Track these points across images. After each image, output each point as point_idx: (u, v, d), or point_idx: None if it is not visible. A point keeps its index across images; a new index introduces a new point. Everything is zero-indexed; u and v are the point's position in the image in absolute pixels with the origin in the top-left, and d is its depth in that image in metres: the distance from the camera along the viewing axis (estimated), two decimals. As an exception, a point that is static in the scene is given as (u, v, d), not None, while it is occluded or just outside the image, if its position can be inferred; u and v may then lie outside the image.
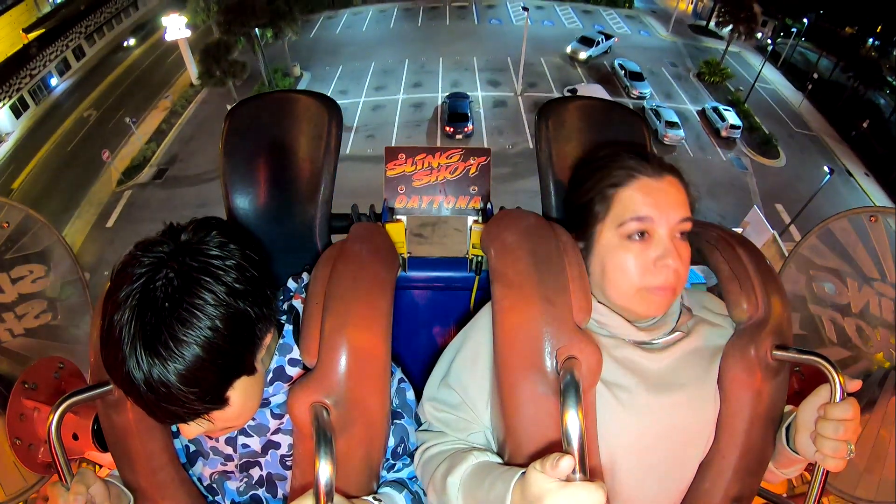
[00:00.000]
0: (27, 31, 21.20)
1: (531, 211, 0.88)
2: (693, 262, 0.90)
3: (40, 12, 22.89)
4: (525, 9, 18.98)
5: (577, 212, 0.81)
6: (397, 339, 0.79)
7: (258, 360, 0.68)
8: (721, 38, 23.23)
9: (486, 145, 15.66)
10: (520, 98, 18.46)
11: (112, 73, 21.61)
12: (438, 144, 15.73)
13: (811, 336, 1.06)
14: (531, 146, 15.64)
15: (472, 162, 1.09)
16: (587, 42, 20.59)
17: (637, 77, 19.00)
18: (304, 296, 0.78)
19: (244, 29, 17.67)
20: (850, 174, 16.29)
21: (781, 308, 0.77)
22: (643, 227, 0.73)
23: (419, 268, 1.14)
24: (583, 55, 19.98)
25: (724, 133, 16.84)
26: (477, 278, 1.12)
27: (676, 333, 0.79)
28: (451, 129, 16.09)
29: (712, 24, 24.67)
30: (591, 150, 0.99)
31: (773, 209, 13.69)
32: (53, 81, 20.73)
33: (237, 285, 0.60)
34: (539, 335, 0.68)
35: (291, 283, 0.82)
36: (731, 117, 17.14)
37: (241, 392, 0.65)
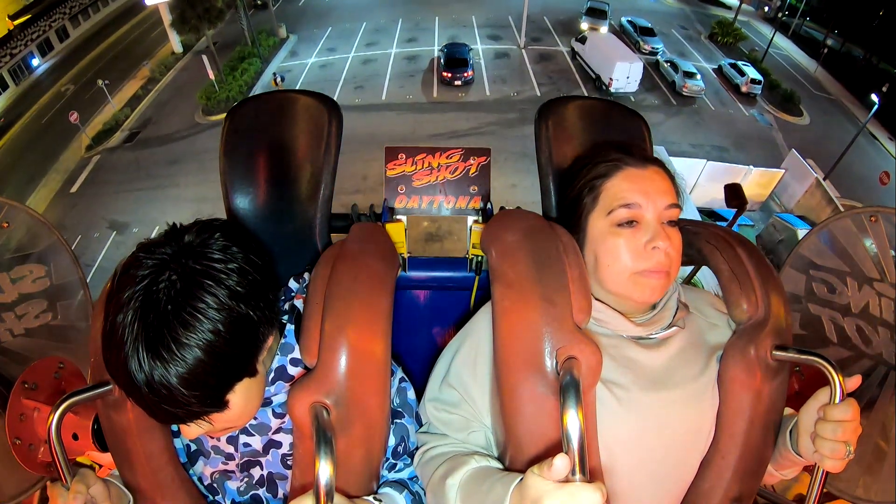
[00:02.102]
0: (13, 17, 20.85)
1: (531, 211, 0.88)
2: (693, 262, 0.90)
3: (27, 0, 22.49)
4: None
5: (568, 207, 0.84)
6: (397, 339, 0.79)
7: (259, 363, 0.68)
8: (729, 7, 22.65)
9: (487, 93, 15.15)
10: (523, 51, 17.69)
11: (94, 51, 21.05)
12: (435, 93, 15.11)
13: (811, 336, 1.06)
14: (538, 93, 15.15)
15: (472, 162, 1.09)
16: (599, 14, 19.17)
17: (648, 32, 18.17)
18: (305, 296, 0.78)
19: (226, -23, 16.56)
20: (875, 137, 15.88)
21: (781, 308, 0.77)
22: (631, 214, 0.75)
23: (419, 268, 1.14)
24: (604, 30, 18.42)
25: (744, 88, 16.21)
26: (477, 278, 1.12)
27: (673, 328, 0.79)
28: (449, 75, 15.08)
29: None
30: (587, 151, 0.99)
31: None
32: (35, 62, 20.24)
33: (239, 289, 0.60)
34: (539, 335, 0.68)
35: (293, 283, 0.82)
36: (751, 72, 16.50)
37: (241, 395, 0.65)
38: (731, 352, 0.77)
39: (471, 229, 1.09)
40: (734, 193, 1.30)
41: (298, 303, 0.79)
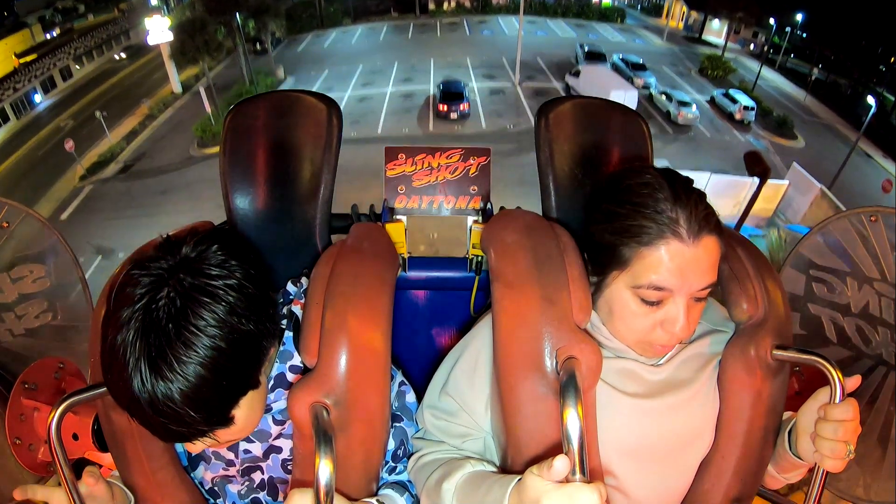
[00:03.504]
0: (20, 56, 21.70)
1: (531, 211, 0.88)
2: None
3: (35, 41, 23.39)
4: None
5: (597, 247, 0.74)
6: (397, 339, 0.79)
7: (262, 374, 0.68)
8: (715, 46, 23.81)
9: (484, 126, 15.43)
10: (518, 87, 18.18)
11: (96, 90, 21.76)
12: (431, 127, 15.43)
13: (811, 336, 1.06)
14: (533, 125, 15.73)
15: (472, 162, 1.09)
16: (599, 57, 19.77)
17: (640, 68, 18.77)
18: (303, 301, 0.78)
19: (225, 16, 17.03)
20: (870, 156, 16.25)
21: (781, 308, 0.77)
22: (660, 297, 0.68)
23: (419, 268, 1.13)
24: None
25: (737, 115, 16.54)
26: (477, 278, 1.12)
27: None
28: (445, 108, 15.26)
29: (710, 30, 25.39)
30: (601, 155, 0.98)
31: (805, 184, 13.45)
32: (37, 98, 20.82)
33: (239, 304, 0.59)
34: (539, 335, 0.68)
35: (291, 288, 0.82)
36: (743, 99, 16.80)
37: (246, 408, 0.65)
38: (731, 351, 0.77)
39: (471, 229, 1.09)
40: (755, 160, 1.16)
41: (296, 308, 0.78)
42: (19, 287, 1.03)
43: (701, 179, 10.71)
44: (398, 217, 1.09)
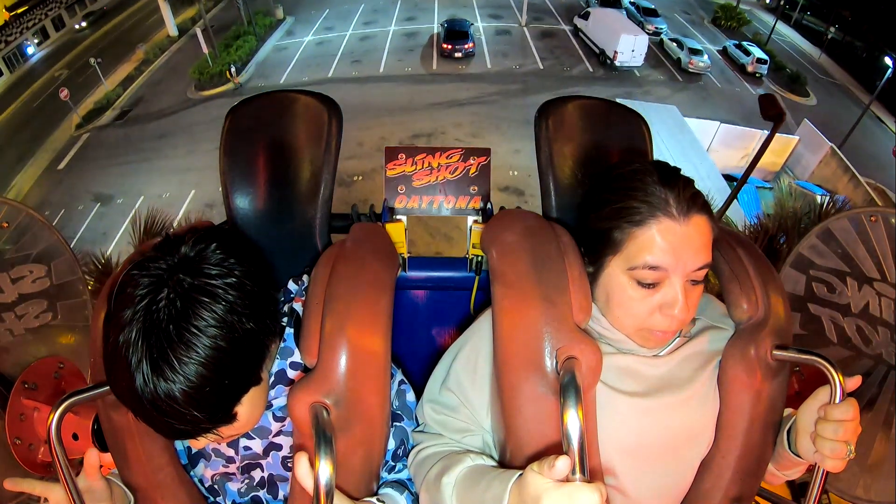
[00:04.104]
0: (10, 9, 21.09)
1: (531, 211, 0.88)
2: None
3: None
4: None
5: (591, 235, 0.75)
6: (397, 339, 0.79)
7: (264, 370, 0.68)
8: None
9: (489, 65, 15.18)
10: (525, 28, 17.80)
11: (90, 38, 21.14)
12: (434, 65, 15.17)
13: (811, 336, 1.06)
14: (540, 66, 15.37)
15: (472, 162, 1.09)
16: (613, 3, 19.01)
17: (651, 13, 18.31)
18: (304, 298, 0.78)
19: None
20: (881, 120, 15.93)
21: (781, 308, 0.77)
22: (656, 277, 0.69)
23: (419, 268, 1.14)
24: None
25: (749, 68, 16.15)
26: (477, 278, 1.12)
27: (678, 339, 0.79)
28: (450, 47, 14.99)
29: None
30: (601, 155, 0.98)
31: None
32: (30, 50, 20.39)
33: (238, 303, 0.59)
34: (539, 335, 0.68)
35: (292, 286, 0.82)
36: (757, 52, 16.39)
37: (248, 404, 0.66)
38: (731, 352, 0.77)
39: (471, 229, 1.09)
40: (770, 103, 1.12)
41: (297, 306, 0.78)
42: (19, 287, 1.03)
43: (710, 128, 10.46)
44: (398, 217, 1.09)
